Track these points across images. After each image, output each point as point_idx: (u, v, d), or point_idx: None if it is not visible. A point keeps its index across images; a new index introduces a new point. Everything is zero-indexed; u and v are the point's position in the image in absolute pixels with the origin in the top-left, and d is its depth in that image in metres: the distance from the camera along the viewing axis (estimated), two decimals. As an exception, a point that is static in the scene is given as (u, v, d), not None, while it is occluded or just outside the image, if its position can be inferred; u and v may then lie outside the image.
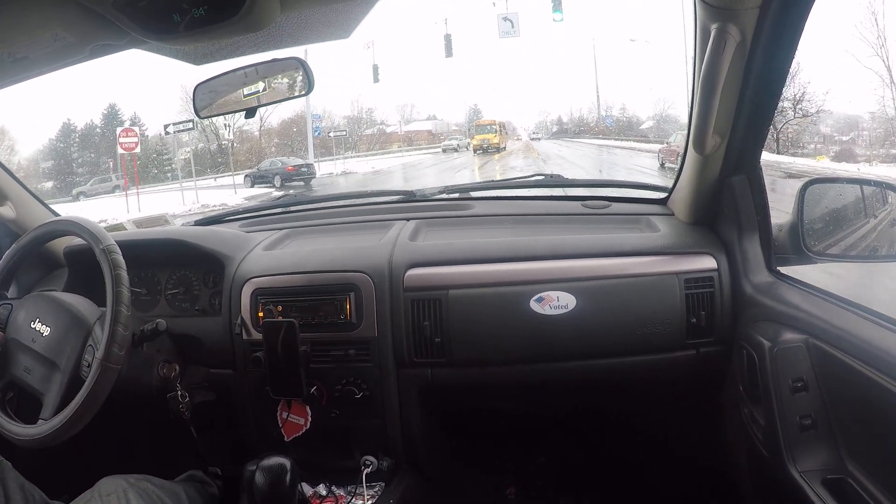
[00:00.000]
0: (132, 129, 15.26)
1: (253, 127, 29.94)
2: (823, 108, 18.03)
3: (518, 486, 1.61)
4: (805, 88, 17.54)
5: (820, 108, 17.93)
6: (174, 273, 1.38)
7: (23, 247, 1.17)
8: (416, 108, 42.01)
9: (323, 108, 32.41)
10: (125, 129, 14.91)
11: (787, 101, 17.35)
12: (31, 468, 1.02)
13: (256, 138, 30.55)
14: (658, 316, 1.15)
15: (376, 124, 37.57)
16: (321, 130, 27.59)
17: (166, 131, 16.90)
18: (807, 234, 1.08)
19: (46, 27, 0.70)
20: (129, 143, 13.65)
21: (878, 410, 0.77)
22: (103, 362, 0.98)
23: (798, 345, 0.93)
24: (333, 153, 27.25)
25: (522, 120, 49.95)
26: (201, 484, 1.23)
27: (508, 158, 23.14)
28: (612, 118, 37.37)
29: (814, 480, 0.86)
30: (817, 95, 17.95)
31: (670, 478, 1.49)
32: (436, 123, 41.62)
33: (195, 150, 28.24)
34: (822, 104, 17.86)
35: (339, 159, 25.77)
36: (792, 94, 17.37)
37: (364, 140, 35.75)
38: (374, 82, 22.19)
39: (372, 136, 36.84)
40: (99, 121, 28.19)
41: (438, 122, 42.16)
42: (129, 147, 13.62)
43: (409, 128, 40.21)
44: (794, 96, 17.49)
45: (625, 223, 1.37)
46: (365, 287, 1.19)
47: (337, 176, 20.99)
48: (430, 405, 1.29)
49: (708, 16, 0.91)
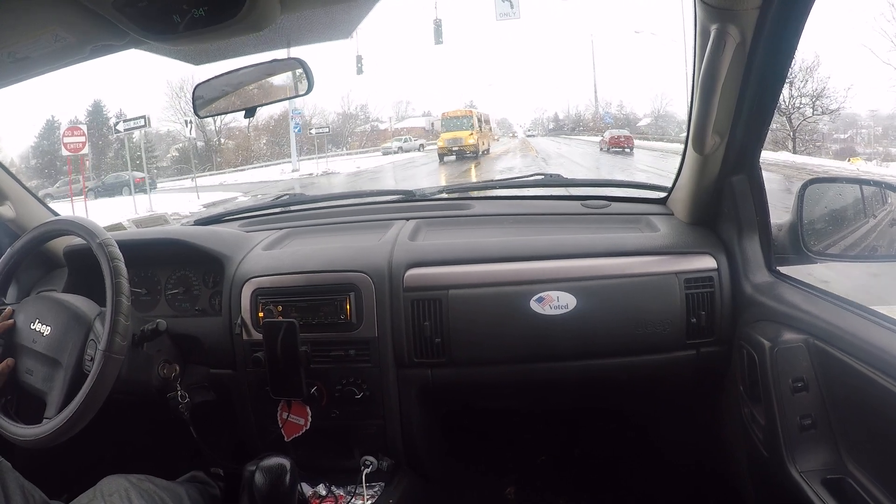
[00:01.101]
0: (78, 126, 12.94)
1: (241, 123, 28.95)
2: (844, 106, 16.73)
3: (518, 486, 1.61)
4: (825, 84, 16.32)
5: (841, 106, 16.49)
6: (174, 273, 1.38)
7: (18, 251, 1.17)
8: (411, 104, 41.40)
9: (314, 105, 31.25)
10: (70, 127, 12.72)
11: (805, 98, 16.31)
12: (31, 469, 1.02)
13: (244, 135, 29.65)
14: (658, 316, 1.15)
15: (369, 121, 36.48)
16: (300, 127, 24.78)
17: (116, 129, 15.23)
18: (806, 233, 1.08)
19: (47, 28, 0.70)
20: (76, 144, 11.72)
21: (878, 410, 0.77)
22: (106, 353, 0.98)
23: (798, 345, 0.93)
24: (316, 151, 25.16)
25: (518, 117, 49.83)
26: (203, 485, 1.23)
27: (503, 160, 19.78)
28: (610, 115, 37.18)
29: (813, 480, 0.86)
30: (838, 92, 16.71)
31: (670, 478, 1.49)
32: (429, 120, 40.82)
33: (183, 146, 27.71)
34: (842, 101, 16.43)
35: (322, 158, 23.67)
36: (811, 89, 16.35)
37: (356, 137, 34.25)
38: (357, 74, 20.10)
39: (363, 134, 35.32)
40: (84, 118, 27.33)
41: (433, 118, 41.07)
42: (75, 148, 11.72)
43: (402, 125, 39.48)
44: (813, 91, 16.37)
45: (624, 223, 1.37)
46: (365, 287, 1.19)
47: (317, 177, 19.14)
48: (430, 405, 1.29)
49: (708, 16, 0.91)
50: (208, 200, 13.17)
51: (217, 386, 1.29)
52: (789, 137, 16.23)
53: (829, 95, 16.31)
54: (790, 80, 15.45)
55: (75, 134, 11.94)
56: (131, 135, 16.05)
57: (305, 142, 26.61)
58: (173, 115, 28.61)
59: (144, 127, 14.31)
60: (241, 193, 14.88)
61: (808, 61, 16.14)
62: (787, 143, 16.18)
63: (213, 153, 28.31)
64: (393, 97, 48.65)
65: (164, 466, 1.17)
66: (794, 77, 15.68)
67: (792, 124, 16.27)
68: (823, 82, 16.33)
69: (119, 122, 14.58)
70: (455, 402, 1.41)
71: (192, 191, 16.28)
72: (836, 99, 16.33)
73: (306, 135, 26.15)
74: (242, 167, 27.24)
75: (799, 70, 15.81)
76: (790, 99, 16.28)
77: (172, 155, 28.29)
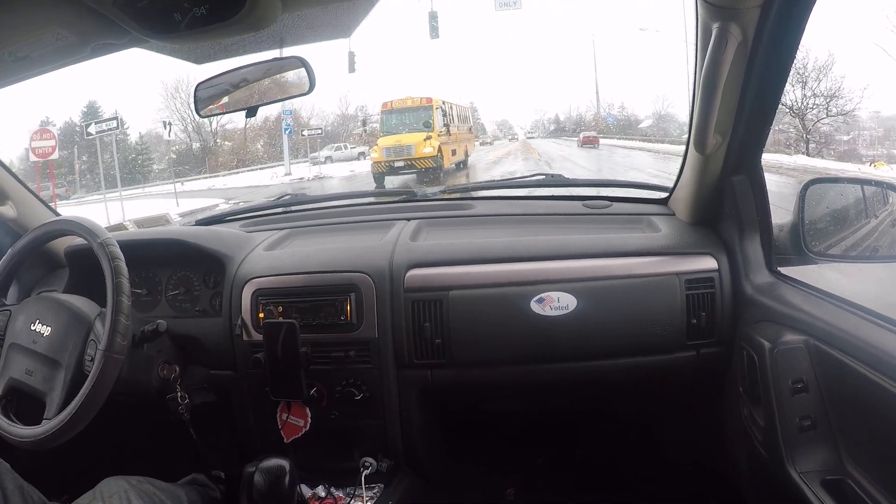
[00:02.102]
0: (47, 129, 11.88)
1: (237, 125, 27.71)
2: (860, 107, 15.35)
3: (518, 486, 1.61)
4: (840, 83, 15.04)
5: (857, 106, 15.19)
6: (175, 273, 1.38)
7: (19, 251, 1.17)
8: None
9: (312, 105, 29.86)
10: (39, 129, 11.34)
11: (820, 98, 15.17)
12: (31, 470, 1.02)
13: (241, 137, 28.61)
14: (658, 317, 1.15)
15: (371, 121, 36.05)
16: (291, 129, 22.43)
17: (87, 133, 13.42)
18: (807, 234, 1.08)
19: (48, 26, 0.71)
20: (44, 149, 10.24)
21: (878, 411, 0.76)
22: (106, 353, 0.98)
23: (798, 346, 0.93)
24: (309, 154, 23.21)
25: (519, 118, 49.67)
26: (203, 487, 1.23)
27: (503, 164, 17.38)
28: (613, 116, 36.91)
29: (813, 481, 0.86)
30: (854, 92, 15.33)
31: (670, 478, 1.49)
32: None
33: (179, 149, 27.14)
34: (858, 102, 15.12)
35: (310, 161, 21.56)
36: (825, 88, 15.12)
37: (354, 139, 31.72)
38: (349, 72, 15.31)
39: (361, 136, 32.35)
40: (79, 119, 25.63)
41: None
42: (43, 153, 10.26)
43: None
44: (827, 91, 15.14)
45: (626, 223, 1.37)
46: (365, 288, 1.19)
47: (309, 181, 17.44)
48: (431, 406, 1.29)
49: (709, 15, 0.91)
50: (188, 208, 11.64)
51: (217, 387, 1.28)
52: (802, 139, 15.42)
53: (845, 95, 15.20)
54: (803, 80, 14.95)
55: (44, 137, 10.51)
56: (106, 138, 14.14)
57: (301, 144, 25.28)
58: (169, 116, 27.69)
59: (116, 130, 13.03)
60: (222, 200, 13.25)
61: (821, 60, 15.32)
62: (799, 146, 15.31)
63: (206, 156, 27.52)
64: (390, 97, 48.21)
65: (163, 468, 1.16)
66: (808, 76, 15.04)
67: (805, 125, 15.38)
68: (838, 82, 15.24)
69: (91, 125, 12.98)
70: (455, 403, 1.41)
71: (180, 196, 14.83)
72: (851, 99, 15.23)
73: (298, 136, 23.99)
74: (234, 171, 26.10)
75: (812, 69, 15.07)
76: (803, 99, 15.54)
77: (171, 157, 27.91)
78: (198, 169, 26.81)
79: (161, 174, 26.97)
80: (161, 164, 27.86)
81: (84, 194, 21.60)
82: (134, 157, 26.78)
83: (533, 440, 1.70)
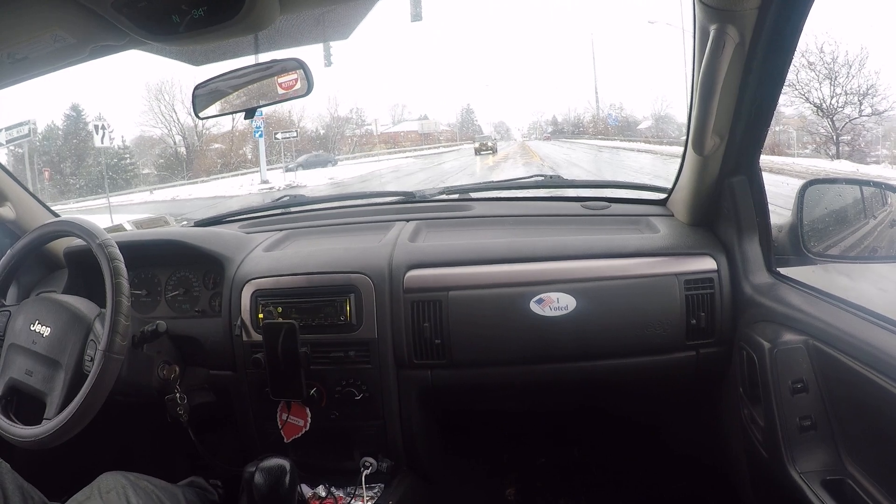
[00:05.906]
0: None
1: (223, 129, 26.66)
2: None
3: (518, 486, 1.61)
4: (875, 80, 13.09)
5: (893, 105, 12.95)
6: (174, 274, 1.38)
7: (18, 252, 1.17)
8: (406, 108, 40.02)
9: (302, 106, 28.55)
10: None
11: (852, 96, 13.40)
12: (31, 470, 1.02)
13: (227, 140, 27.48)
14: (658, 317, 1.15)
15: (364, 125, 34.41)
16: (262, 131, 20.91)
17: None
18: (806, 234, 1.08)
19: (46, 28, 0.71)
20: None
21: (878, 412, 0.76)
22: (106, 353, 0.98)
23: (798, 346, 0.93)
24: (282, 159, 22.16)
25: (516, 120, 49.49)
26: (201, 490, 1.23)
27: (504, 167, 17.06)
28: (614, 117, 36.53)
29: (813, 481, 0.86)
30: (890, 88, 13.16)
31: (670, 479, 1.49)
32: (423, 123, 40.24)
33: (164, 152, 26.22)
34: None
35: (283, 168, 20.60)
36: (857, 86, 13.30)
37: (344, 142, 31.59)
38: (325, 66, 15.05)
39: (352, 139, 32.57)
40: (61, 122, 25.39)
41: (427, 122, 40.68)
42: None
43: (396, 129, 38.50)
44: (858, 89, 13.31)
45: (625, 224, 1.37)
46: (365, 288, 1.19)
47: (280, 191, 15.56)
48: (430, 406, 1.29)
49: (707, 17, 0.91)
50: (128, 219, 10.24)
51: (217, 387, 1.28)
52: (832, 141, 13.84)
53: (881, 93, 13.17)
54: (831, 77, 13.42)
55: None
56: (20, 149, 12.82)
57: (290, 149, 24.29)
58: (152, 120, 27.25)
59: (27, 137, 11.97)
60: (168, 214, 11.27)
61: (852, 54, 13.59)
62: (829, 147, 13.75)
63: (183, 162, 26.43)
64: (388, 100, 47.66)
65: (162, 470, 1.16)
66: (838, 73, 13.45)
67: (835, 126, 13.73)
68: (872, 78, 13.29)
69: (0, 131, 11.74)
70: (455, 404, 1.41)
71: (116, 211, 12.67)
72: (888, 97, 13.05)
73: (271, 140, 22.82)
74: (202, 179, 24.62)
75: (843, 65, 13.45)
76: (832, 97, 13.72)
77: (159, 162, 26.91)
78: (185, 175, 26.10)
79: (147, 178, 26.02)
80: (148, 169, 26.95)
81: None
82: (116, 163, 25.33)
83: (533, 440, 1.71)
